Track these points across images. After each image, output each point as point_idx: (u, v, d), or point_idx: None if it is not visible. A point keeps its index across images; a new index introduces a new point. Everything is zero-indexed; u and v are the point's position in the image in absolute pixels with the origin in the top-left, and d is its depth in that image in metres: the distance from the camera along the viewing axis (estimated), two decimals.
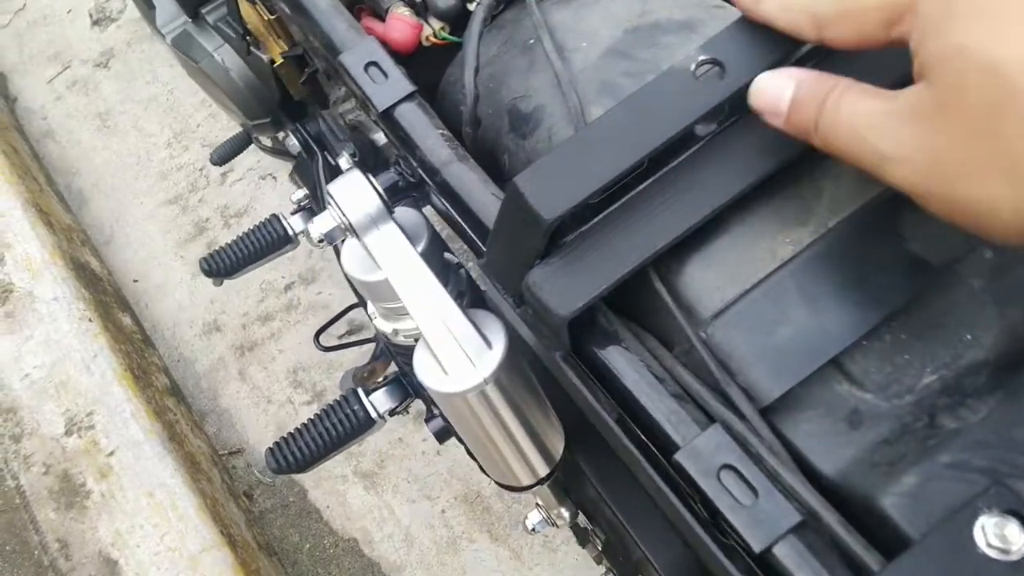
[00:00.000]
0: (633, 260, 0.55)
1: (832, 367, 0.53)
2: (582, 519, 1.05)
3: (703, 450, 0.50)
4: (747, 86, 0.55)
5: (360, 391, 1.16)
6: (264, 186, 2.01)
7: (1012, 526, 0.44)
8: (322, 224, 0.75)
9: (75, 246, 1.90)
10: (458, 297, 0.81)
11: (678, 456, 0.51)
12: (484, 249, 0.63)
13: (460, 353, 0.71)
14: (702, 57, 0.56)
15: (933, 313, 0.53)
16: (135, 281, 1.95)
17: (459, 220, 0.68)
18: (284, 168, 2.01)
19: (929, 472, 0.48)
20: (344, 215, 0.73)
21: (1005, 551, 0.43)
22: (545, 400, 0.81)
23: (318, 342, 1.42)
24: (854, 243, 0.54)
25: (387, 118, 0.70)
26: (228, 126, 2.09)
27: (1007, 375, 0.50)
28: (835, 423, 0.52)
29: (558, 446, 0.85)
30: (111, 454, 1.56)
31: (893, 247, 0.54)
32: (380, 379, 1.19)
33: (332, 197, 0.73)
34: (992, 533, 0.44)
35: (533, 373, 0.78)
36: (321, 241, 0.76)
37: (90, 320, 1.69)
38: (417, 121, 0.69)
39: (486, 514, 1.59)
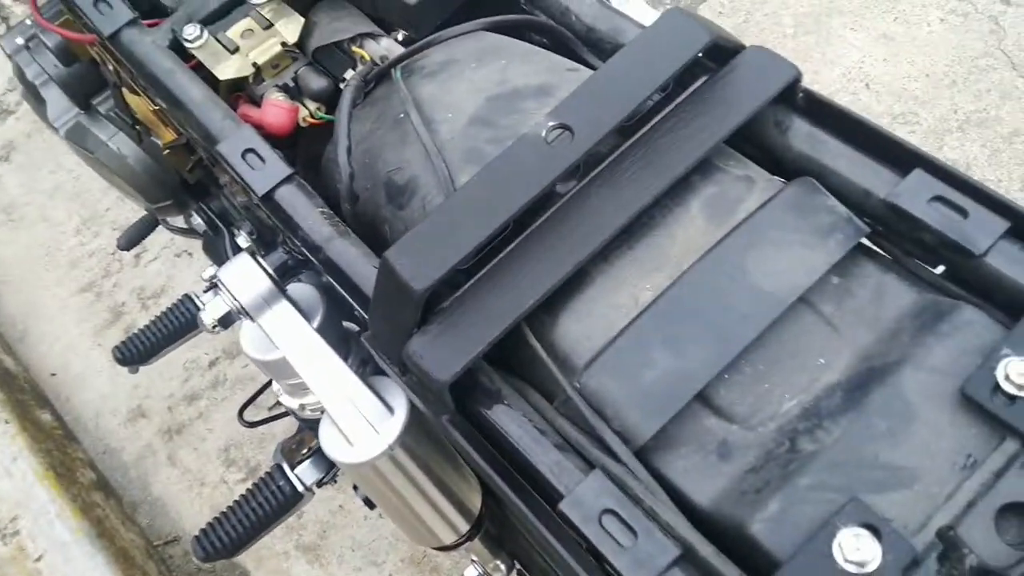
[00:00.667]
0: (506, 319, 0.57)
1: (700, 403, 0.56)
2: (517, 570, 1.06)
3: (584, 497, 0.53)
4: (596, 145, 0.59)
5: (285, 465, 1.16)
6: (180, 264, 1.99)
7: (867, 540, 0.47)
8: (214, 310, 0.76)
9: None
10: (361, 365, 0.83)
11: (562, 506, 0.53)
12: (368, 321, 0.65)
13: (363, 422, 0.73)
14: (551, 123, 0.60)
15: (788, 342, 0.57)
16: (53, 375, 1.91)
17: (345, 294, 0.70)
18: (200, 243, 2.00)
19: (792, 496, 0.51)
20: (235, 299, 0.74)
21: (861, 564, 0.46)
22: (456, 457, 0.83)
23: (243, 418, 1.41)
24: (707, 283, 0.58)
25: (268, 201, 0.72)
26: (137, 208, 2.08)
27: (857, 394, 0.54)
28: (706, 456, 0.54)
29: (475, 500, 0.87)
30: (39, 559, 1.51)
31: (743, 283, 0.57)
32: (306, 450, 1.20)
33: (222, 282, 0.75)
34: (850, 549, 0.47)
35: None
36: (215, 327, 0.77)
37: (6, 422, 1.65)
38: (297, 202, 0.71)
39: (434, 573, 1.59)
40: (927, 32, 1.99)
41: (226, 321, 0.77)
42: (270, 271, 0.75)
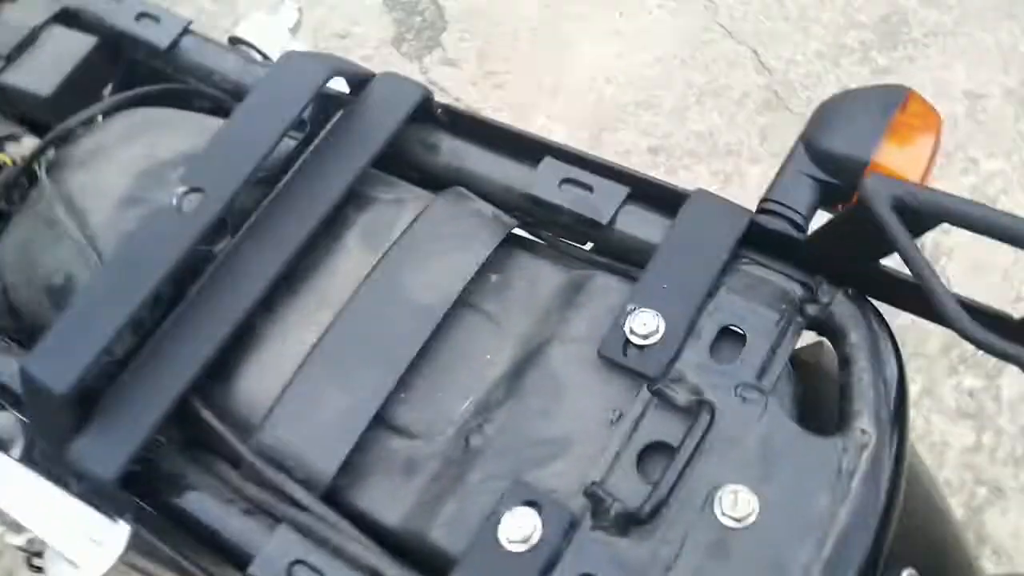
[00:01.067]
0: (169, 397, 0.55)
1: (383, 428, 0.55)
2: None
3: (272, 554, 0.51)
4: (232, 200, 0.58)
5: None
6: None
7: (528, 516, 0.48)
8: None
9: None
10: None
11: (251, 570, 0.51)
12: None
13: (84, 539, 0.68)
14: (181, 189, 0.58)
15: (455, 347, 0.58)
16: None
17: (20, 420, 0.65)
18: None
19: (464, 494, 0.51)
20: None
21: (524, 541, 0.47)
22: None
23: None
24: (367, 310, 0.58)
25: None
26: None
27: (515, 380, 0.55)
28: (393, 478, 0.54)
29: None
30: None
31: (401, 301, 0.58)
32: None
33: None
34: (513, 528, 0.47)
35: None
36: None
37: None
38: None
39: None
40: (650, 20, 2.12)
41: None
42: None
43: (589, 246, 0.63)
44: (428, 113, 0.66)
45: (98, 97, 0.77)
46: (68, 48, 0.75)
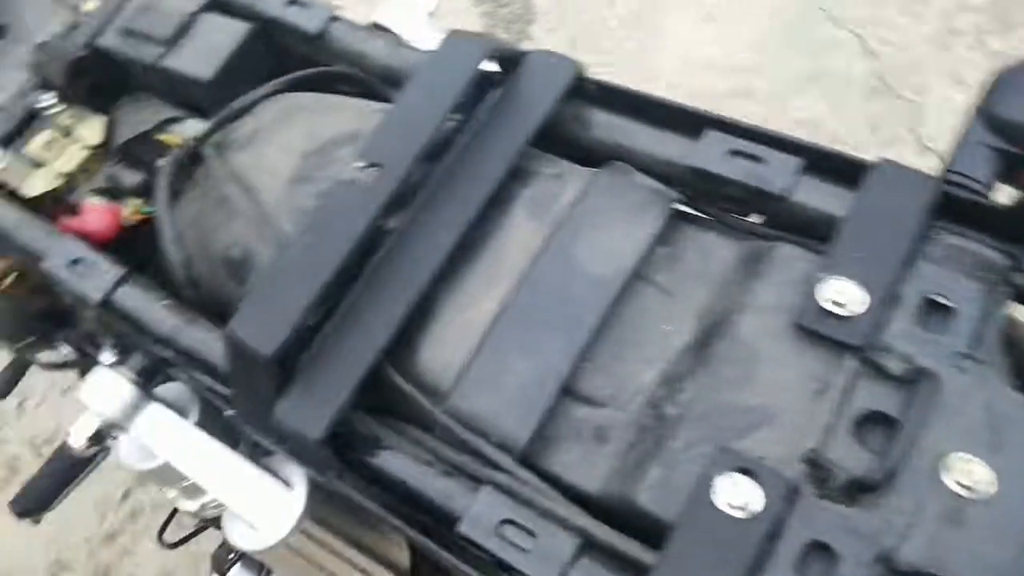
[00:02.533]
0: (364, 363, 0.57)
1: (568, 397, 0.57)
2: None
3: (480, 515, 0.53)
4: (409, 175, 0.60)
5: None
6: (68, 403, 1.91)
7: (744, 483, 0.48)
8: (82, 430, 0.74)
9: None
10: (254, 448, 0.80)
11: (460, 528, 0.53)
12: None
13: (263, 505, 0.71)
14: (360, 164, 0.60)
15: (632, 317, 0.59)
16: None
17: (207, 381, 0.68)
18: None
19: (668, 460, 0.52)
20: (100, 414, 0.72)
21: (743, 507, 0.48)
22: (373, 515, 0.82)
23: (162, 541, 1.36)
24: (545, 281, 0.59)
25: (106, 307, 0.70)
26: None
27: (704, 350, 0.56)
28: (586, 445, 0.55)
29: (401, 556, 0.85)
30: None
31: (578, 273, 0.59)
32: (232, 555, 1.15)
33: (83, 402, 0.72)
34: (729, 494, 0.48)
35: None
36: (89, 447, 0.74)
37: None
38: (137, 301, 0.69)
39: None
40: (746, 4, 2.08)
41: (99, 438, 0.74)
42: (132, 376, 0.73)
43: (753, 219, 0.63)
44: (581, 88, 0.67)
45: (252, 81, 0.80)
46: (224, 34, 0.78)
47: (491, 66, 0.69)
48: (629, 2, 2.12)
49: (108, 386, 0.72)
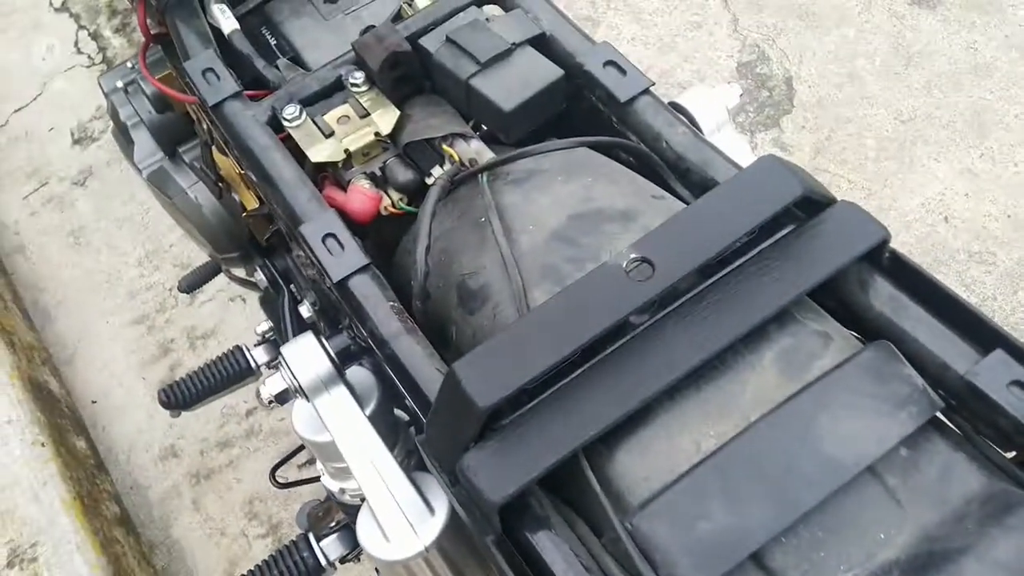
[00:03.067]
0: (565, 446, 0.57)
1: (752, 563, 0.54)
2: None
3: None
4: (675, 284, 0.59)
5: (311, 536, 1.15)
6: (233, 308, 2.02)
7: None
8: (273, 386, 0.77)
9: (35, 366, 1.89)
10: (406, 456, 0.82)
11: None
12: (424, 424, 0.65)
13: (402, 520, 0.72)
14: (633, 255, 0.60)
15: (848, 511, 0.55)
16: (94, 402, 1.93)
17: (405, 393, 0.70)
18: (254, 291, 2.04)
19: None
20: (295, 378, 0.75)
21: None
22: (490, 569, 0.82)
23: (274, 479, 1.41)
24: (774, 439, 0.57)
25: (341, 288, 0.73)
26: (200, 250, 2.13)
27: (911, 574, 0.52)
28: None
29: None
30: None
31: (811, 445, 0.56)
32: (333, 523, 1.19)
33: (284, 360, 0.75)
34: None
35: None
36: (271, 403, 0.78)
37: (43, 445, 1.66)
38: (369, 293, 0.72)
39: None
40: (1012, 172, 1.97)
41: (283, 398, 0.77)
42: (332, 355, 0.76)
43: (1011, 455, 0.59)
44: (879, 255, 0.64)
45: (539, 120, 0.81)
46: (536, 73, 0.80)
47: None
48: (895, 128, 2.04)
49: (310, 356, 0.76)
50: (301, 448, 1.46)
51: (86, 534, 1.55)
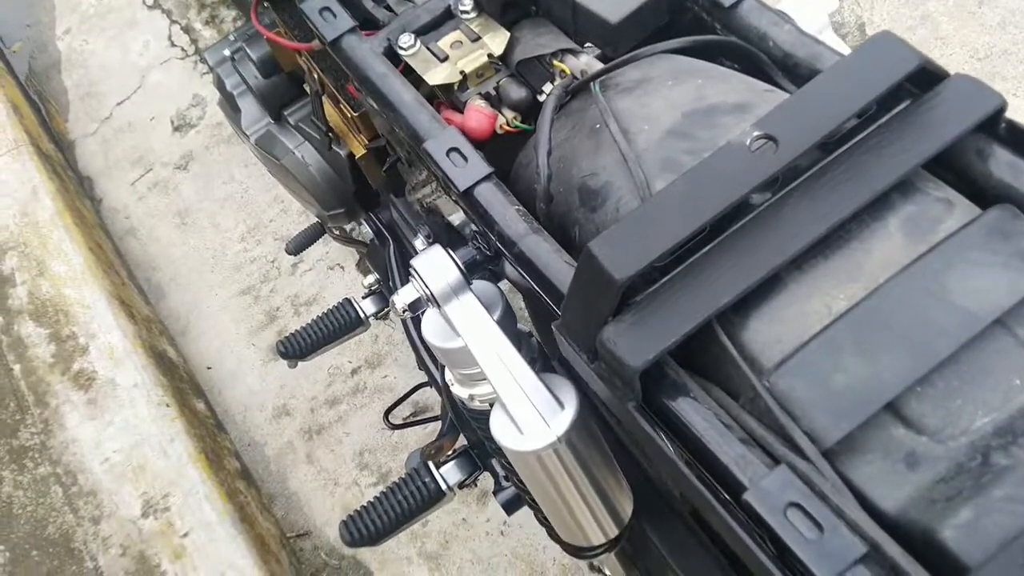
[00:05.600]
0: (699, 316, 0.60)
1: (888, 413, 0.56)
2: None
3: (770, 490, 0.54)
4: (799, 158, 0.61)
5: (431, 464, 1.21)
6: (332, 276, 2.11)
7: None
8: (406, 295, 0.82)
9: (154, 336, 2.00)
10: (531, 363, 0.86)
11: (747, 496, 0.54)
12: (559, 312, 0.68)
13: (535, 413, 0.76)
14: (756, 133, 0.62)
15: (982, 361, 0.57)
16: (209, 368, 2.04)
17: (535, 287, 0.74)
18: (351, 259, 2.11)
19: (985, 506, 0.51)
20: (427, 286, 0.79)
21: None
22: (614, 463, 0.85)
23: (388, 420, 1.48)
24: (904, 296, 0.59)
25: (467, 197, 0.77)
26: (298, 221, 2.21)
27: None
28: (893, 464, 0.55)
29: (627, 508, 0.88)
30: (185, 535, 1.61)
31: (940, 300, 0.58)
32: (451, 452, 1.24)
33: (415, 270, 0.80)
34: None
35: (604, 441, 0.82)
36: (405, 311, 0.83)
37: (167, 406, 1.77)
38: (495, 199, 0.76)
39: None
40: None
41: (415, 307, 0.82)
42: (460, 264, 0.80)
43: None
44: (995, 124, 0.65)
45: (648, 33, 0.84)
46: None
47: None
48: (969, 67, 1.99)
49: (440, 264, 0.80)
50: (411, 393, 1.52)
51: (213, 485, 1.64)
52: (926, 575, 0.50)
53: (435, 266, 0.80)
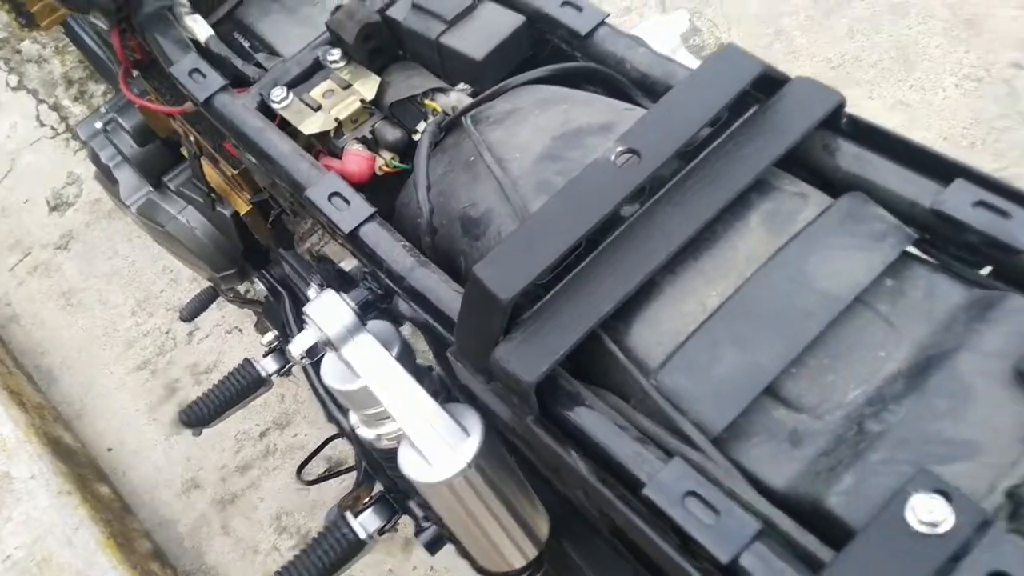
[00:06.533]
0: (584, 326, 0.62)
1: (769, 396, 0.60)
2: None
3: (666, 482, 0.56)
4: (661, 167, 0.65)
5: (348, 515, 1.19)
6: (231, 340, 2.06)
7: (939, 503, 0.50)
8: (302, 342, 0.82)
9: (47, 423, 1.91)
10: (434, 396, 0.87)
11: (646, 491, 0.57)
12: (452, 339, 0.70)
13: (441, 444, 0.77)
14: (620, 148, 0.66)
15: (849, 337, 0.61)
16: (110, 450, 1.96)
17: (428, 318, 0.75)
18: (248, 321, 2.08)
19: (864, 470, 0.54)
20: (322, 331, 0.80)
21: (934, 525, 0.49)
22: (526, 485, 0.87)
23: (300, 477, 1.45)
24: (771, 287, 0.63)
25: (353, 239, 0.78)
26: (190, 288, 2.16)
27: (918, 379, 0.58)
28: (779, 444, 0.58)
29: (543, 528, 0.90)
30: None
31: (804, 286, 0.62)
32: (368, 500, 1.23)
33: (309, 316, 0.80)
34: (922, 511, 0.50)
35: (515, 464, 0.84)
36: (303, 357, 0.83)
37: (69, 493, 1.69)
38: (380, 238, 0.77)
39: None
40: (943, 98, 2.07)
41: (313, 352, 0.82)
42: (353, 305, 0.81)
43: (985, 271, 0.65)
44: (836, 120, 0.70)
45: (513, 67, 0.87)
46: (501, 22, 0.86)
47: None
48: (828, 76, 2.13)
49: (333, 308, 0.81)
50: (322, 447, 1.50)
51: (125, 569, 1.57)
52: (816, 541, 0.53)
53: (328, 310, 0.80)
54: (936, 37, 2.16)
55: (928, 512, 0.50)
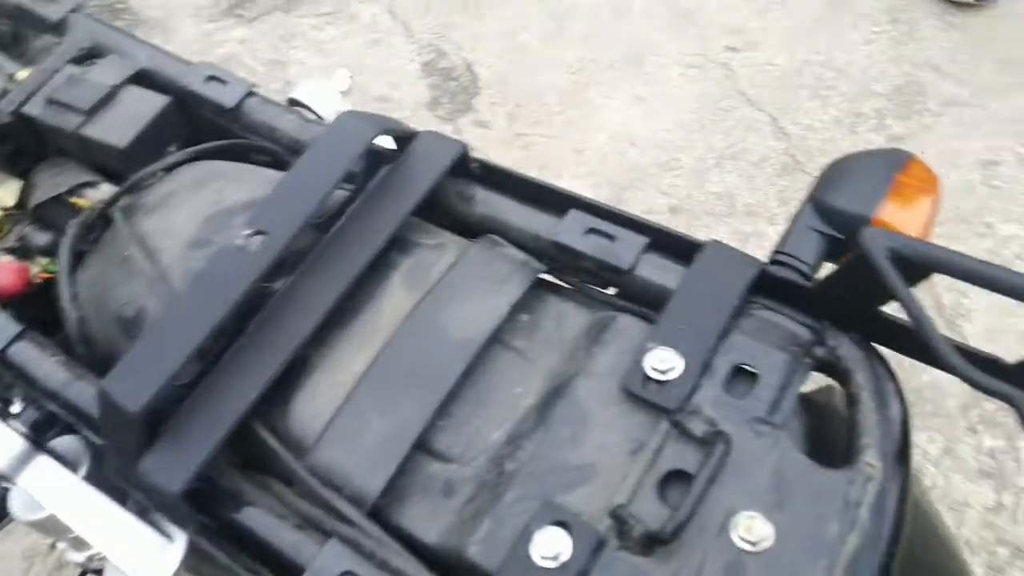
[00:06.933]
0: (231, 419, 0.61)
1: (423, 452, 0.61)
2: None
3: (322, 566, 0.56)
4: (292, 242, 0.64)
5: None
6: None
7: (558, 535, 0.52)
8: None
9: None
10: (138, 509, 0.83)
11: None
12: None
13: (143, 555, 0.73)
14: (247, 231, 0.65)
15: (488, 380, 0.63)
16: None
17: (91, 436, 0.71)
18: None
19: (499, 513, 0.56)
20: None
21: (555, 558, 0.51)
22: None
23: None
24: (408, 345, 0.64)
25: (1, 360, 0.73)
26: None
27: (545, 410, 0.60)
28: (433, 498, 0.59)
29: None
30: None
31: (440, 337, 0.63)
32: None
33: None
34: (544, 546, 0.52)
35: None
36: None
37: None
38: (29, 356, 0.72)
39: None
40: (672, 87, 2.21)
41: None
42: (23, 430, 0.75)
43: (611, 291, 0.69)
44: (465, 167, 0.73)
45: (167, 150, 0.85)
46: (143, 106, 0.83)
47: (389, 144, 0.75)
48: (568, 81, 2.23)
49: None
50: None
51: None
52: None
53: None
54: (659, 32, 2.31)
55: (549, 546, 0.52)
